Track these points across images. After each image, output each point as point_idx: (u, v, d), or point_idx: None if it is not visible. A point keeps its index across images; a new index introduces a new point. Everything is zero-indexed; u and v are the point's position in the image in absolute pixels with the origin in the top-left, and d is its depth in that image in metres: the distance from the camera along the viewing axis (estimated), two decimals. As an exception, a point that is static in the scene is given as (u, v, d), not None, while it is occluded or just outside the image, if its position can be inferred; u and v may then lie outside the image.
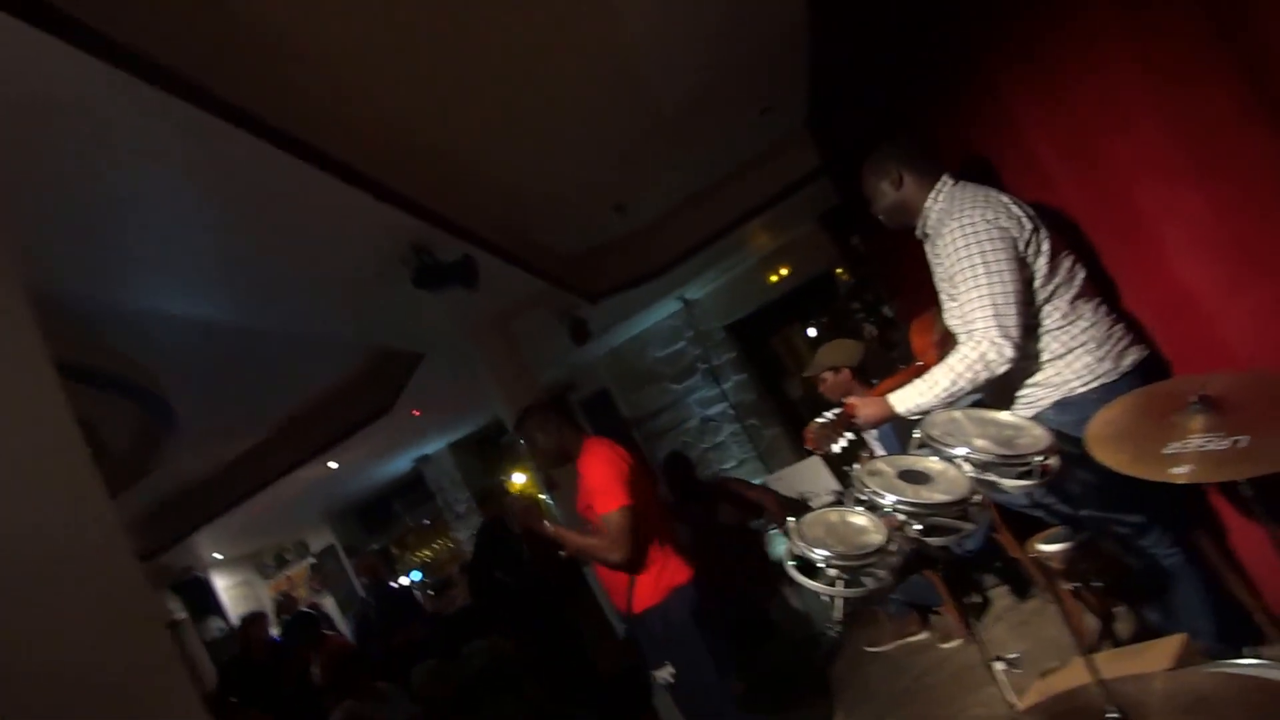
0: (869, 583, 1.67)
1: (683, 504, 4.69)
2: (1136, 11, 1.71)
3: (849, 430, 2.26)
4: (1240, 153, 1.64)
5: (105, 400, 3.87)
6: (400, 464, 9.15)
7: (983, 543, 3.53)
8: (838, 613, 1.73)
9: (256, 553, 10.36)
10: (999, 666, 2.04)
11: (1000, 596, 3.93)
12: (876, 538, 1.71)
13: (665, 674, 2.79)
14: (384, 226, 3.24)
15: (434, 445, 9.09)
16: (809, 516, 1.83)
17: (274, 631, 7.57)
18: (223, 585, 9.26)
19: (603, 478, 2.79)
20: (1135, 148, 1.89)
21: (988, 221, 2.10)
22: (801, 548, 1.70)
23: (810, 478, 5.21)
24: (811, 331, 8.13)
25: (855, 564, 1.65)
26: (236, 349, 4.26)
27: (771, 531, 4.79)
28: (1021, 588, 3.85)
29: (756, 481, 5.37)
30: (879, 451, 3.81)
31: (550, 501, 5.12)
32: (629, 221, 5.35)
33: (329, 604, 10.14)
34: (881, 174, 2.37)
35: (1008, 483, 1.72)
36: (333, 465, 7.09)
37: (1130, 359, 2.13)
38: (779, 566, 4.42)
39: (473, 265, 3.59)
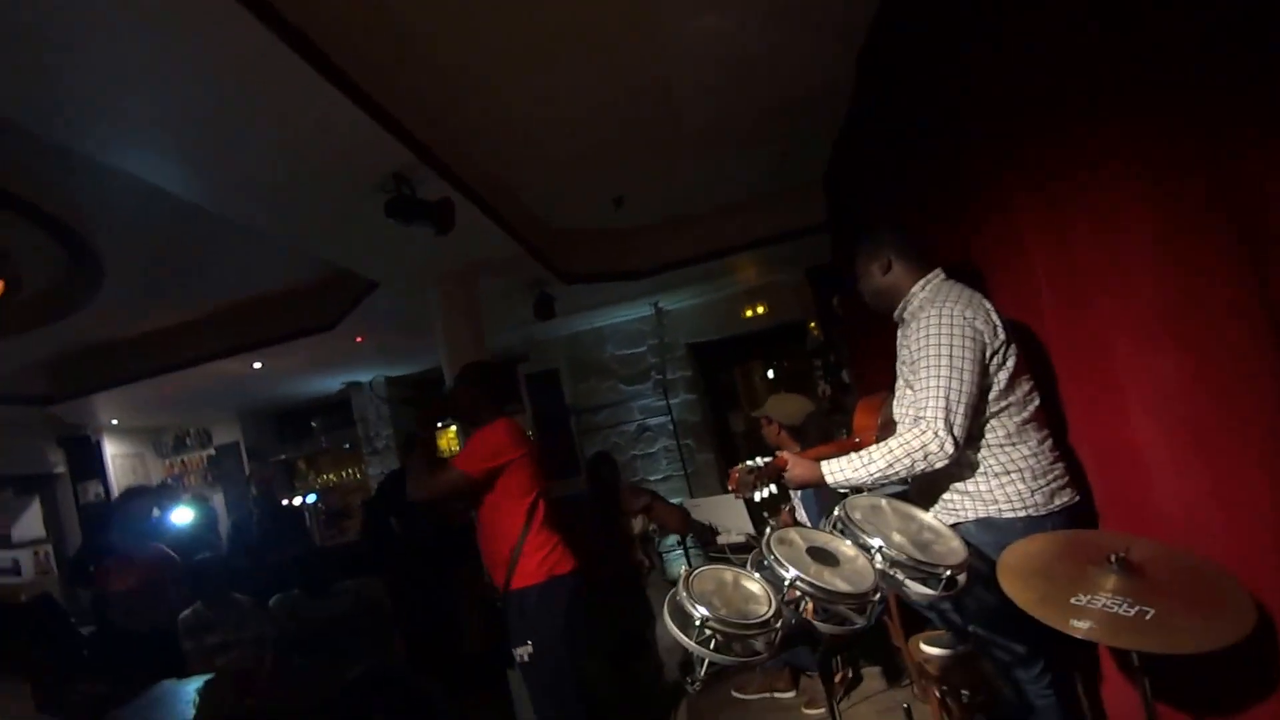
0: (739, 652, 1.65)
1: (597, 504, 4.67)
2: (1158, 185, 1.73)
3: (774, 482, 2.25)
4: (1223, 339, 1.65)
5: (29, 234, 3.75)
6: (329, 383, 8.93)
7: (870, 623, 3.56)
8: (700, 671, 1.68)
9: (157, 429, 10.02)
10: None
11: (872, 677, 3.98)
12: (763, 610, 1.69)
13: (524, 651, 2.92)
14: (371, 147, 3.12)
15: (368, 374, 8.91)
16: (703, 570, 1.81)
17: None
18: (113, 452, 8.91)
19: (477, 445, 3.03)
20: (1126, 304, 1.91)
21: (965, 319, 2.11)
22: (684, 599, 1.67)
23: (728, 513, 5.20)
24: (770, 374, 8.20)
25: (734, 631, 1.63)
26: (185, 222, 4.06)
27: (676, 552, 4.79)
28: (895, 674, 3.90)
29: (675, 501, 5.35)
30: (800, 510, 3.82)
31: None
32: (624, 216, 5.29)
33: (218, 500, 9.81)
34: (873, 257, 2.40)
35: (913, 586, 1.71)
36: (257, 365, 6.91)
37: (1062, 500, 2.15)
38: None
39: (449, 210, 3.53)
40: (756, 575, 1.78)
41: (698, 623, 1.63)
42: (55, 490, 8.28)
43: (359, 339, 6.54)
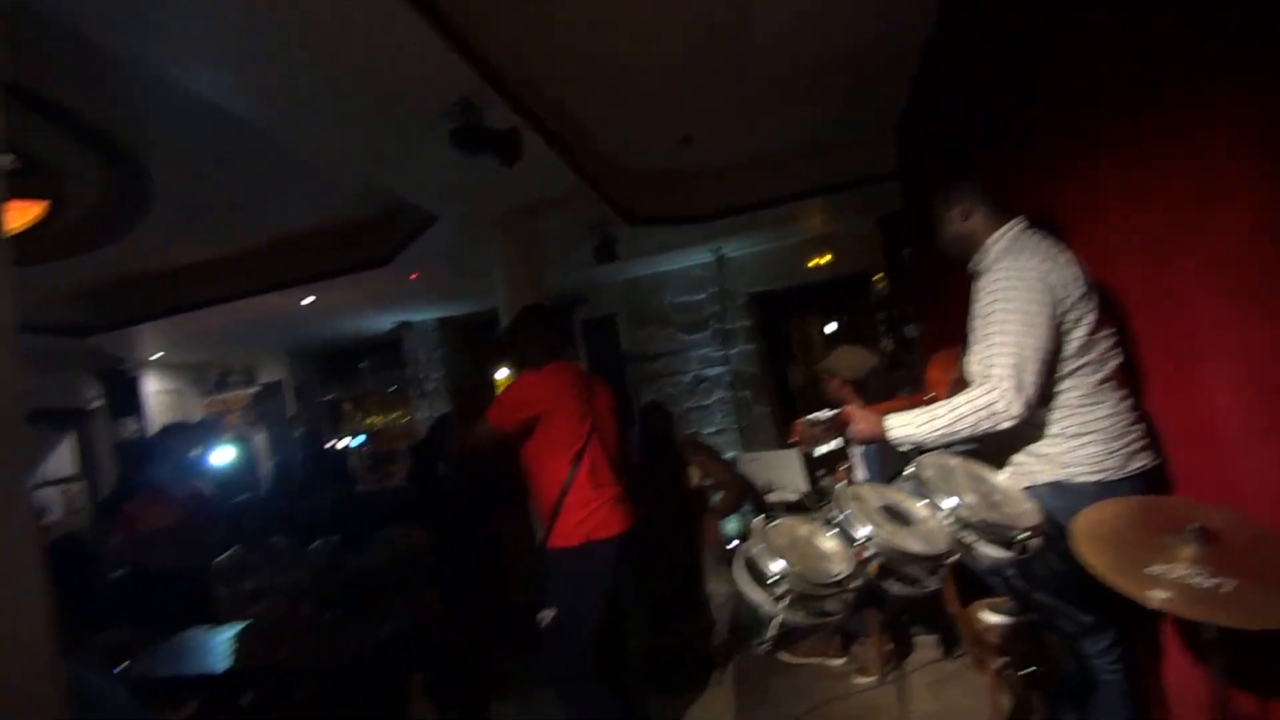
0: (814, 613, 1.66)
1: (649, 456, 4.75)
2: (1254, 146, 1.69)
3: (839, 437, 2.30)
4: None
5: (79, 152, 3.73)
6: (380, 321, 9.04)
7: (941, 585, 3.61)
8: (771, 631, 1.71)
9: (199, 366, 10.17)
10: None
11: (925, 646, 4.04)
12: (839, 569, 1.69)
13: (546, 615, 2.93)
14: (440, 70, 3.09)
15: (421, 314, 9.01)
16: (778, 523, 1.82)
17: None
18: (152, 388, 9.07)
19: (508, 396, 3.07)
20: (1213, 267, 1.89)
21: (1040, 274, 2.11)
22: (760, 553, 1.68)
23: (783, 468, 5.25)
24: (830, 327, 8.17)
25: (809, 590, 1.63)
26: (241, 149, 4.14)
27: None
28: (949, 644, 3.96)
29: (728, 456, 5.42)
30: (859, 469, 3.86)
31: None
32: (692, 157, 5.28)
33: (259, 441, 10.04)
34: (952, 202, 2.41)
35: (984, 549, 1.74)
36: (308, 300, 7.02)
37: (1138, 463, 2.15)
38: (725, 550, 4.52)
39: (518, 141, 3.51)
40: (832, 531, 1.79)
41: (772, 579, 1.64)
42: (91, 427, 8.31)
43: (413, 276, 6.60)
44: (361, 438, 9.81)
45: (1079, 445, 2.14)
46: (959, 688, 3.56)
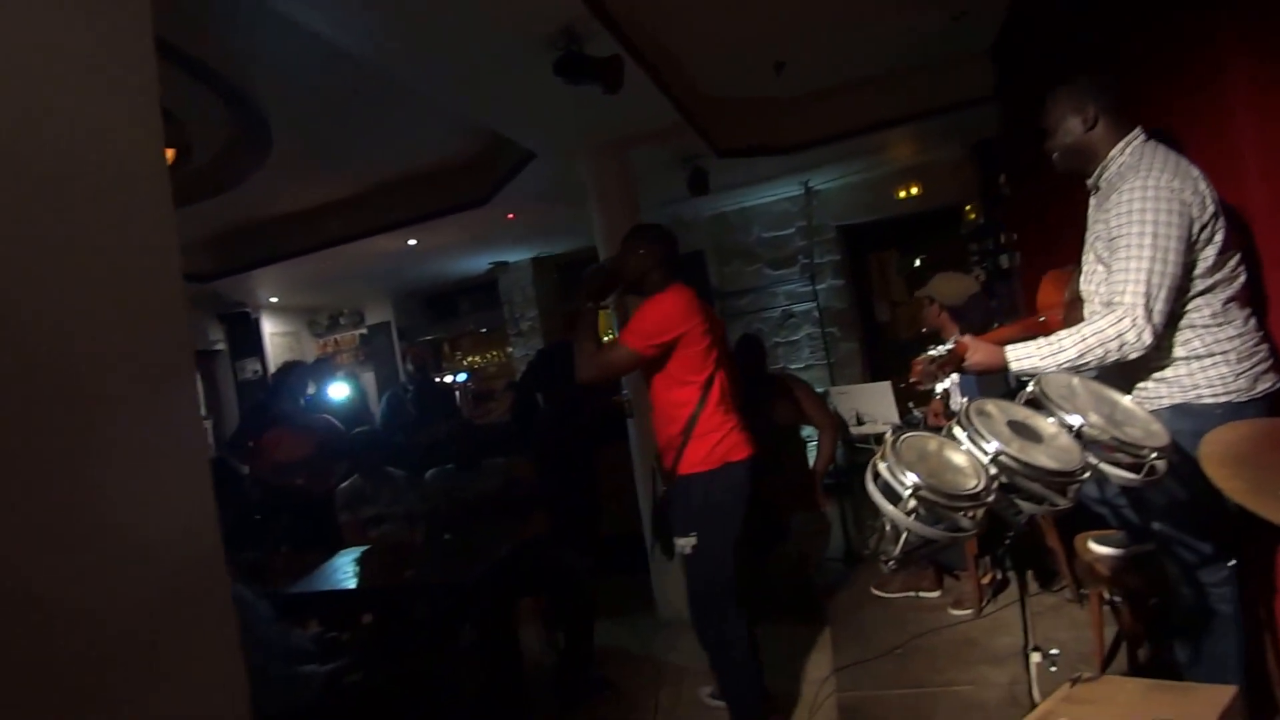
0: (946, 528, 1.58)
1: (743, 387, 4.72)
2: None
3: (957, 371, 2.21)
4: None
5: (202, 98, 3.74)
6: (477, 263, 9.13)
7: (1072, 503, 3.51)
8: (898, 549, 1.65)
9: (312, 308, 10.51)
10: (1035, 658, 2.00)
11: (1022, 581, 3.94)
12: (972, 482, 1.61)
13: (687, 543, 2.83)
14: None
15: (516, 255, 9.08)
16: (908, 436, 1.74)
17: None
18: (270, 330, 9.36)
19: (647, 319, 2.86)
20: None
21: (1172, 190, 1.96)
22: (891, 465, 1.61)
23: (874, 402, 5.17)
24: (917, 262, 7.87)
25: (943, 501, 1.56)
26: (347, 94, 4.20)
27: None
28: (1046, 579, 3.85)
29: (819, 390, 5.34)
30: (955, 397, 3.75)
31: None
32: (783, 85, 5.08)
33: (369, 379, 10.33)
34: (1077, 108, 2.20)
35: (1110, 470, 1.65)
36: (412, 242, 7.12)
37: (1266, 385, 2.03)
38: (807, 480, 4.48)
39: (619, 68, 3.37)
40: (962, 446, 1.69)
41: (905, 492, 1.56)
42: (215, 367, 8.69)
43: (510, 215, 6.63)
44: (464, 375, 10.00)
45: (1206, 366, 2.02)
46: (1057, 622, 3.48)
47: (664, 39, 4.06)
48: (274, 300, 9.18)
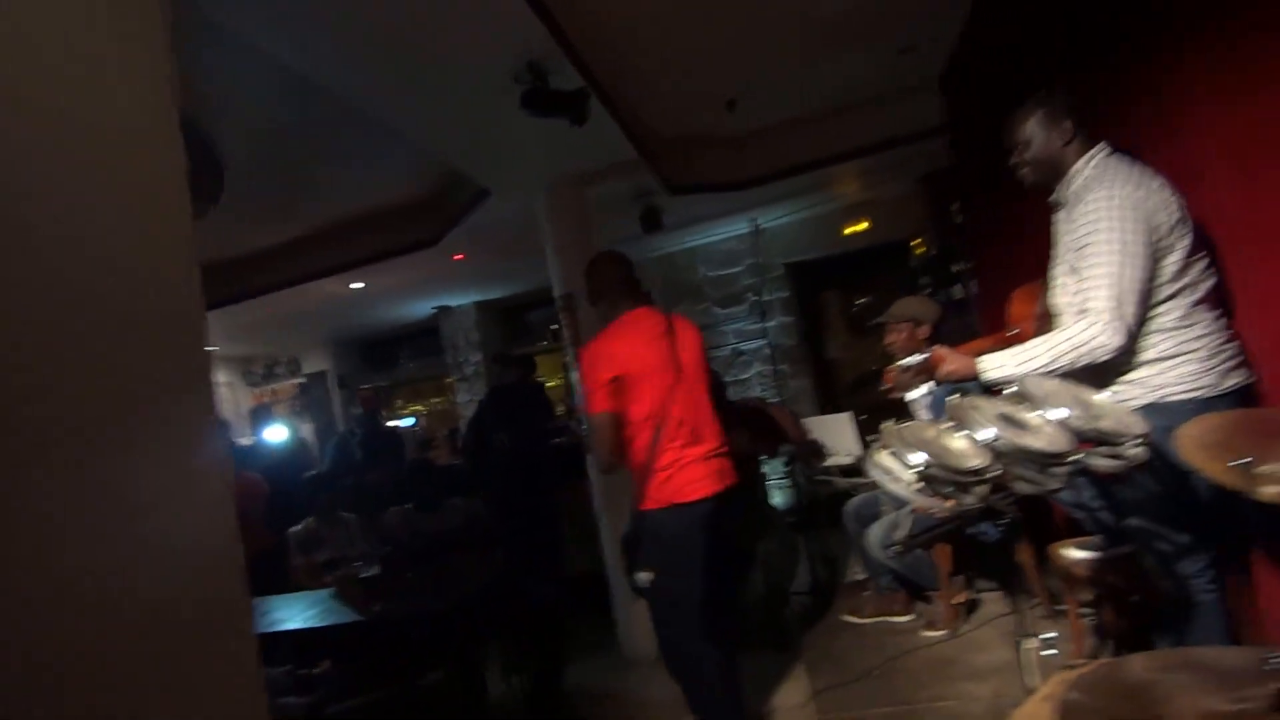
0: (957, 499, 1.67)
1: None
2: None
3: (930, 380, 2.30)
4: None
5: None
6: (420, 307, 9.15)
7: (999, 535, 3.63)
8: (903, 532, 1.73)
9: (248, 358, 10.45)
10: (1030, 644, 2.07)
11: (992, 601, 4.05)
12: (975, 460, 1.69)
13: (645, 578, 2.84)
14: (513, 32, 3.07)
15: (459, 299, 9.11)
16: (907, 425, 1.84)
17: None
18: None
19: (584, 376, 2.84)
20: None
21: (1136, 201, 2.09)
22: (896, 450, 1.70)
23: (835, 433, 5.25)
24: (862, 301, 8.12)
25: (951, 477, 1.64)
26: (301, 134, 4.19)
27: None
28: (1019, 596, 3.96)
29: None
30: (923, 416, 3.86)
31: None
32: (735, 122, 5.24)
33: (307, 430, 10.28)
34: (1054, 121, 2.32)
35: (1093, 461, 1.74)
36: (357, 285, 7.10)
37: (1234, 380, 2.15)
38: (771, 510, 4.55)
39: (586, 99, 3.46)
40: (961, 432, 1.78)
41: (912, 473, 1.65)
42: None
43: (458, 257, 6.65)
44: (412, 420, 10.05)
45: (1174, 365, 2.14)
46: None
47: (619, 75, 4.16)
48: (213, 350, 8.96)
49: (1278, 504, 1.52)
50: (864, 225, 7.63)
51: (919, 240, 6.92)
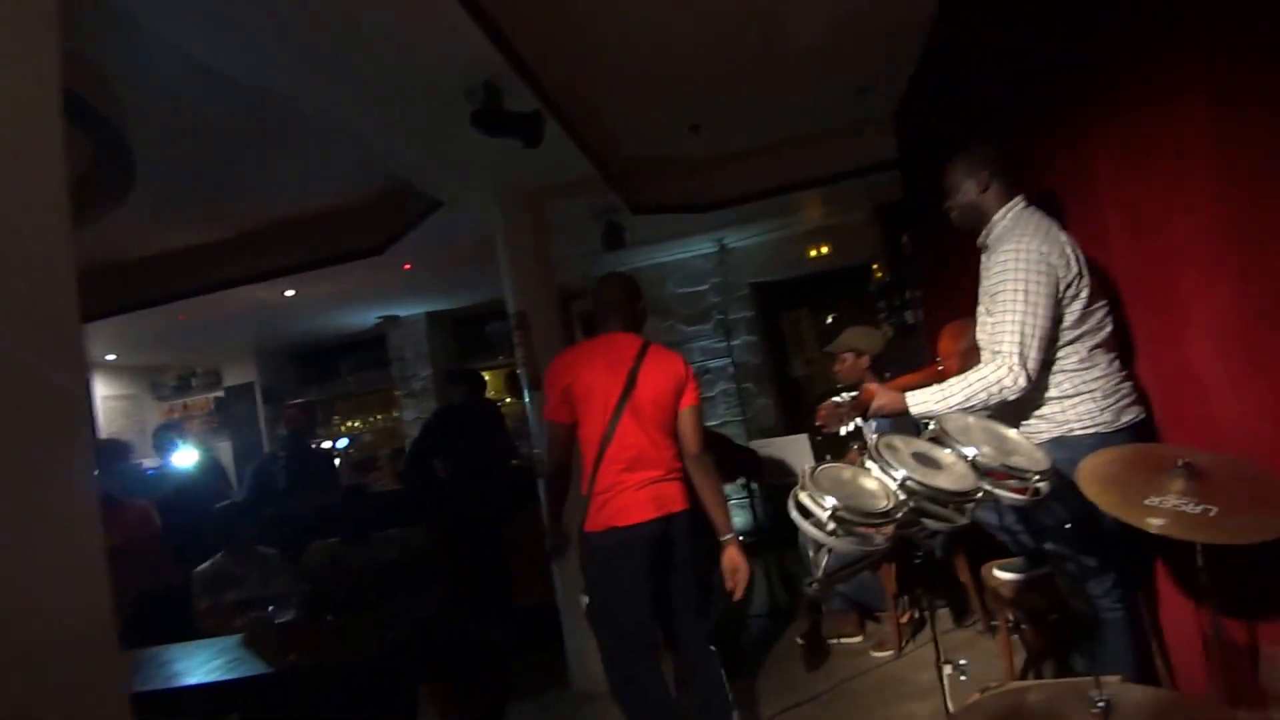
0: (861, 541, 2.02)
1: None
2: (1224, 118, 2.11)
3: (860, 415, 2.74)
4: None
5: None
6: (363, 317, 9.19)
7: (944, 550, 4.10)
8: (819, 570, 2.12)
9: (159, 368, 10.05)
10: (948, 670, 2.51)
11: (943, 618, 4.54)
12: (883, 503, 2.07)
13: (583, 599, 3.14)
14: (465, 51, 3.26)
15: (408, 309, 9.10)
16: (825, 467, 2.23)
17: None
18: (103, 393, 8.95)
19: (545, 385, 3.21)
20: (1195, 231, 2.32)
21: (1040, 254, 2.55)
22: (811, 493, 2.05)
23: (792, 453, 5.62)
24: (830, 319, 8.64)
25: (859, 521, 2.00)
26: (223, 125, 4.18)
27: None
28: (960, 613, 4.49)
29: (739, 445, 5.83)
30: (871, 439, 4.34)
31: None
32: (699, 145, 5.69)
33: (224, 449, 9.80)
34: (972, 172, 2.81)
35: (1002, 493, 2.18)
36: (290, 293, 7.10)
37: (1129, 417, 2.62)
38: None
39: (541, 122, 3.69)
40: (873, 471, 2.17)
41: (825, 514, 2.00)
42: None
43: (407, 266, 6.72)
44: (345, 441, 9.87)
45: (1076, 403, 2.60)
46: (971, 653, 3.98)
47: (583, 96, 4.53)
48: (110, 358, 8.80)
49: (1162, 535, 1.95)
50: (826, 249, 8.25)
51: (878, 265, 7.52)
